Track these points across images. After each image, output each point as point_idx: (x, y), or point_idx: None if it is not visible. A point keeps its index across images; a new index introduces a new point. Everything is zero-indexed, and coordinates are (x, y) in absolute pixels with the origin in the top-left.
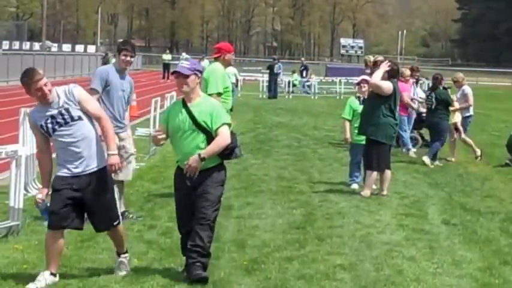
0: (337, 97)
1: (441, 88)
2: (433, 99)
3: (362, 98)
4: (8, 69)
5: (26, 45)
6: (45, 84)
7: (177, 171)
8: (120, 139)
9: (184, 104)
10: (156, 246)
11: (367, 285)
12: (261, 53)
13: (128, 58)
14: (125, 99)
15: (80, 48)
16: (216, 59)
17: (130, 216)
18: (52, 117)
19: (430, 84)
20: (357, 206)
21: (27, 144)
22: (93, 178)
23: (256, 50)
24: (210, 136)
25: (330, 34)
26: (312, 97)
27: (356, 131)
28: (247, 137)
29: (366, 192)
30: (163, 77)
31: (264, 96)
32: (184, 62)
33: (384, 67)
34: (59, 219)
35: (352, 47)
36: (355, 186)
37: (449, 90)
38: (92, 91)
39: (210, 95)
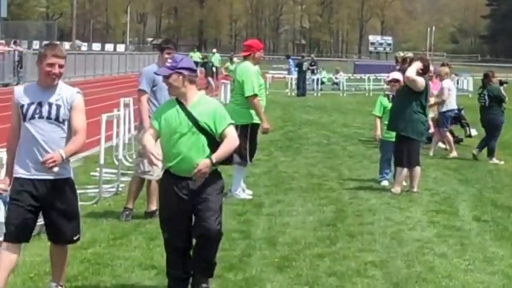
0: (366, 94)
1: (492, 85)
2: (486, 97)
3: (391, 96)
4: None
5: None
6: (60, 66)
7: (168, 178)
8: None
9: (181, 104)
10: None
11: (399, 282)
12: (290, 51)
13: (171, 56)
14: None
15: (109, 47)
16: (245, 57)
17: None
18: (39, 104)
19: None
20: (388, 203)
21: None
22: (55, 185)
23: (285, 48)
24: (210, 139)
25: (358, 31)
26: (341, 94)
27: (386, 128)
28: (277, 135)
29: (397, 189)
30: None
31: (293, 93)
32: (168, 61)
33: (419, 65)
34: (18, 232)
35: (381, 44)
36: (385, 183)
37: (505, 85)
38: (140, 92)
39: (247, 97)
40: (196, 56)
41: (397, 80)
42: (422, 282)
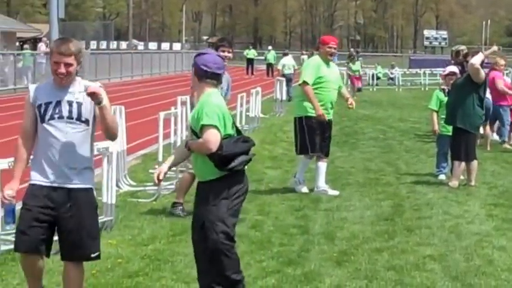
0: (422, 89)
1: None
2: None
3: (447, 90)
4: (96, 69)
5: (113, 44)
6: (67, 64)
7: None
8: None
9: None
10: (246, 240)
11: (458, 276)
12: (345, 47)
13: (226, 54)
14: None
15: (165, 46)
16: (317, 51)
17: (178, 211)
18: (58, 103)
19: None
20: (445, 196)
21: (118, 141)
22: (74, 196)
23: (340, 44)
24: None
25: (413, 26)
26: (396, 89)
27: (442, 122)
28: (333, 130)
29: (454, 183)
30: (247, 73)
31: (348, 89)
32: None
33: (482, 56)
34: (30, 240)
35: (436, 38)
36: (442, 177)
37: None
38: (192, 90)
39: (300, 85)
40: (252, 53)
41: (454, 73)
42: (481, 275)
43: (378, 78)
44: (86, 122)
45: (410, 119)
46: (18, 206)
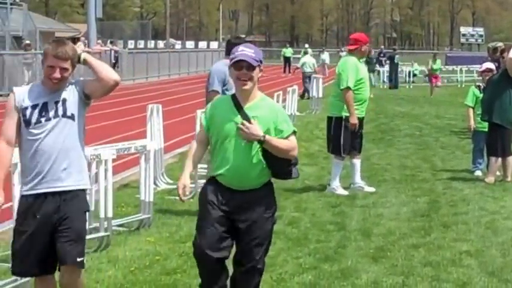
0: (458, 86)
1: None
2: None
3: (482, 87)
4: (134, 68)
5: (151, 43)
6: (63, 69)
7: (212, 187)
8: None
9: (237, 105)
10: (283, 237)
11: (494, 271)
12: (381, 44)
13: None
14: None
15: (202, 44)
16: (351, 51)
17: None
18: (44, 104)
19: None
20: (481, 192)
21: (155, 139)
22: (65, 199)
23: (376, 42)
24: (265, 149)
25: (450, 23)
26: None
27: (478, 118)
28: (369, 127)
29: (490, 179)
30: (284, 71)
31: (385, 86)
32: (246, 49)
33: None
34: (29, 265)
35: (472, 35)
36: (478, 173)
37: None
38: (213, 93)
39: (341, 90)
40: (289, 51)
41: (490, 70)
42: None
43: (415, 75)
44: (72, 117)
45: (447, 116)
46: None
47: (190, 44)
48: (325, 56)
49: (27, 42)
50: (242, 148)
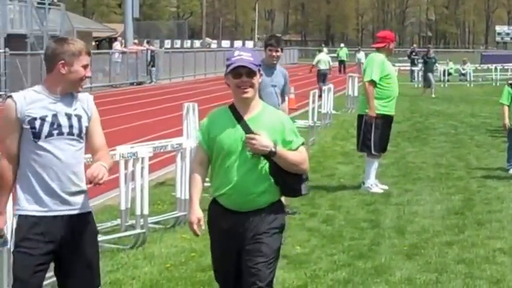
0: (493, 84)
1: None
2: None
3: None
4: (170, 67)
5: (187, 43)
6: (87, 65)
7: (216, 209)
8: None
9: (237, 116)
10: (318, 234)
11: None
12: (416, 44)
13: (273, 53)
14: (277, 93)
15: (238, 44)
16: (378, 49)
17: (287, 210)
18: (55, 117)
19: None
20: None
21: (191, 138)
22: (75, 223)
23: (411, 41)
24: (273, 162)
25: (485, 22)
26: (468, 85)
27: None
28: (404, 126)
29: None
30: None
31: (420, 85)
32: (244, 53)
33: None
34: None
35: (508, 34)
36: None
37: None
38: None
39: (364, 82)
40: (344, 52)
41: None
42: None
43: (450, 74)
44: (83, 137)
45: (482, 114)
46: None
47: (226, 44)
48: (361, 56)
49: None
50: (246, 164)
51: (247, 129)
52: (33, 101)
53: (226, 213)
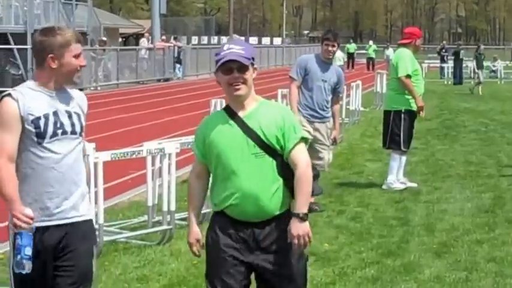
0: None
1: None
2: None
3: None
4: (197, 63)
5: (214, 39)
6: (80, 54)
7: (223, 221)
8: (314, 129)
9: (233, 115)
10: (346, 231)
11: None
12: (446, 40)
13: (330, 48)
14: (326, 89)
15: (266, 40)
16: (405, 45)
17: (315, 208)
18: (55, 114)
19: None
20: None
21: None
22: (75, 230)
23: (441, 37)
24: (280, 160)
25: None
26: (498, 82)
27: None
28: (434, 123)
29: None
30: (348, 67)
31: (449, 82)
32: (235, 47)
33: None
34: None
35: None
36: None
37: None
38: (290, 78)
39: (399, 78)
40: (352, 47)
41: None
42: None
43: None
44: (83, 136)
45: None
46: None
47: (253, 40)
48: (390, 52)
49: (104, 38)
50: (250, 166)
51: (243, 127)
52: (32, 98)
53: (235, 225)
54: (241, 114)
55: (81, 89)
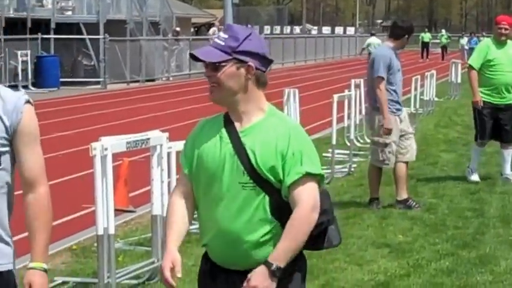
0: None
1: None
2: None
3: None
4: (270, 53)
5: (287, 29)
6: None
7: (206, 264)
8: (401, 121)
9: (229, 126)
10: (421, 222)
11: None
12: None
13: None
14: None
15: (339, 30)
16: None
17: (414, 204)
18: None
19: None
20: None
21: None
22: None
23: None
24: (276, 198)
25: None
26: None
27: None
28: None
29: None
30: (422, 57)
31: None
32: (221, 35)
33: None
34: None
35: None
36: None
37: None
38: (378, 79)
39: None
40: (427, 36)
41: None
42: None
43: None
44: (3, 153)
45: None
46: None
47: (326, 30)
48: (464, 41)
49: (177, 28)
50: (237, 201)
51: (236, 144)
52: None
53: (215, 272)
54: (238, 126)
55: (151, 80)
